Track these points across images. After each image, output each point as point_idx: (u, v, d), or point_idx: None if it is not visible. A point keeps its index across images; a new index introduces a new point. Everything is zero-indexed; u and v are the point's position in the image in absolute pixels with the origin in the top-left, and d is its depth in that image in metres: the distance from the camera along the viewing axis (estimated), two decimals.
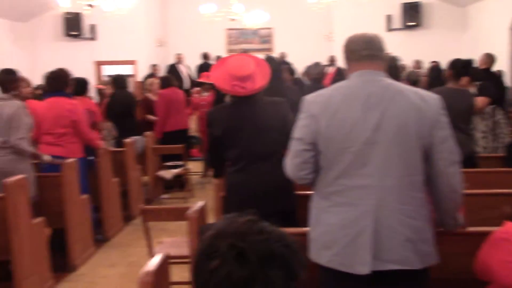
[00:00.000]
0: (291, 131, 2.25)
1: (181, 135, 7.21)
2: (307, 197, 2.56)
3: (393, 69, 4.07)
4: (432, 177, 2.12)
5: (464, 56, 5.97)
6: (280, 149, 2.98)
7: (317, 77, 7.36)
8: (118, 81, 7.54)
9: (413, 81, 5.69)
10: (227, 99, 3.09)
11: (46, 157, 4.57)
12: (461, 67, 4.30)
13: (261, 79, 2.99)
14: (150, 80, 8.17)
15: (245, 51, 12.44)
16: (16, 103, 4.28)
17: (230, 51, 13.77)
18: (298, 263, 1.13)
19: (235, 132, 2.94)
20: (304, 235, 2.30)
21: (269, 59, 5.92)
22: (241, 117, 2.94)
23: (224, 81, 2.96)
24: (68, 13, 8.62)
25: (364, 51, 2.14)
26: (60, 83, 4.85)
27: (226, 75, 2.96)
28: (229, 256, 1.07)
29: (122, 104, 7.23)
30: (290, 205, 2.98)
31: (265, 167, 2.92)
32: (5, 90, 4.33)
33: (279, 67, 4.94)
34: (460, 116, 4.05)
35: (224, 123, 2.97)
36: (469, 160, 3.92)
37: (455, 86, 4.27)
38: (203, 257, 1.11)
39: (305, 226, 2.29)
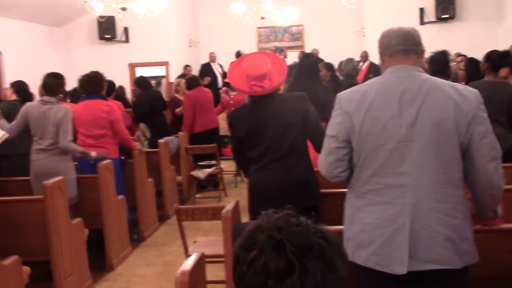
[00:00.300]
0: (313, 125, 2.22)
1: (210, 135, 7.22)
2: (331, 195, 2.54)
3: (444, 64, 3.99)
4: (471, 174, 2.06)
5: (500, 48, 5.80)
6: (303, 145, 2.97)
7: (350, 73, 7.27)
8: (141, 82, 7.67)
9: (453, 75, 5.55)
10: (246, 100, 3.09)
11: (93, 153, 4.68)
12: (496, 59, 4.18)
13: (278, 77, 2.97)
14: (178, 80, 8.25)
15: (278, 49, 12.44)
16: (64, 106, 4.44)
17: (261, 49, 13.75)
18: (338, 255, 1.11)
19: (257, 131, 2.94)
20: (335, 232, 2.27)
21: (306, 56, 5.86)
22: (262, 116, 2.94)
23: (242, 82, 2.96)
24: (101, 17, 8.77)
25: (398, 45, 2.10)
26: (95, 85, 4.95)
27: (243, 75, 2.95)
28: (267, 246, 1.07)
29: (149, 104, 7.34)
30: (313, 202, 2.95)
31: (287, 164, 2.91)
32: (53, 94, 4.46)
33: (315, 64, 4.89)
34: (500, 110, 3.93)
35: (246, 124, 2.97)
36: (509, 154, 3.80)
37: (494, 79, 4.15)
38: (242, 250, 1.11)
39: (329, 224, 2.27)
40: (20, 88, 5.43)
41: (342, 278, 1.11)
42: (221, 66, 12.50)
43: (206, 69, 11.96)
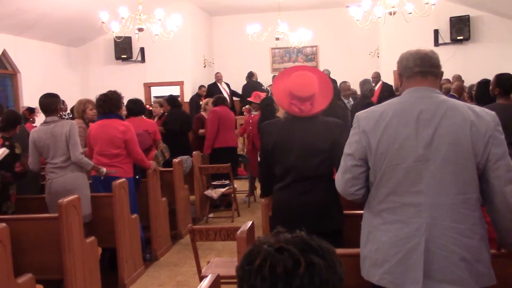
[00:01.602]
0: (340, 154, 2.22)
1: (229, 153, 7.34)
2: (355, 216, 2.52)
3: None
4: (488, 197, 2.05)
5: None
6: (327, 170, 2.94)
7: (367, 93, 7.32)
8: (172, 101, 7.78)
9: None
10: (282, 114, 3.07)
11: (103, 170, 4.70)
12: (506, 81, 4.14)
13: (321, 102, 2.93)
14: (207, 99, 8.42)
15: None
16: (69, 122, 4.48)
17: (275, 69, 13.83)
18: (336, 258, 1.13)
19: (283, 148, 2.93)
20: (352, 256, 2.26)
21: None
22: (291, 135, 2.93)
23: (284, 97, 2.93)
24: (118, 37, 8.90)
25: (416, 67, 2.12)
26: (112, 105, 5.00)
27: (287, 91, 2.90)
28: (271, 252, 1.08)
29: (180, 121, 7.46)
30: (336, 225, 2.92)
31: (308, 186, 2.89)
32: (52, 113, 4.51)
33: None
34: None
35: (274, 138, 2.97)
36: None
37: (507, 101, 4.11)
38: (245, 265, 1.11)
39: (353, 246, 2.25)
40: (47, 106, 5.22)
41: (342, 281, 1.12)
42: (227, 85, 12.58)
43: (213, 89, 12.04)
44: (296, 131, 2.92)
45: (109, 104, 4.99)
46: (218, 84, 12.35)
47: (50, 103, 4.52)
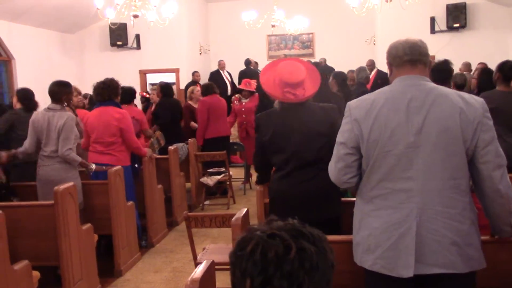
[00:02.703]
0: None
1: (222, 142, 7.27)
2: (352, 203, 2.54)
3: (444, 72, 3.99)
4: (478, 182, 2.10)
5: (511, 57, 5.74)
6: (328, 156, 2.96)
7: (363, 81, 7.31)
8: (165, 89, 7.70)
9: (460, 84, 5.54)
10: (276, 104, 3.08)
11: (92, 166, 4.70)
12: (508, 69, 4.17)
13: (312, 86, 2.98)
14: (192, 87, 8.29)
15: (286, 57, 12.47)
16: (66, 114, 4.42)
17: (271, 57, 13.79)
18: (327, 244, 1.15)
19: (282, 137, 2.94)
20: (345, 242, 2.29)
21: (315, 65, 5.89)
22: (289, 123, 2.94)
23: (274, 88, 2.96)
24: (113, 24, 8.84)
25: (405, 56, 2.15)
26: (110, 92, 4.98)
27: (277, 81, 2.94)
28: (263, 238, 1.11)
29: (171, 112, 7.38)
30: (335, 213, 2.95)
31: (310, 173, 2.90)
32: (57, 101, 4.47)
33: (323, 73, 4.90)
34: None
35: (272, 128, 2.98)
36: None
37: (506, 89, 4.14)
38: (238, 251, 1.14)
39: (350, 233, 2.28)
40: (24, 96, 5.24)
41: (333, 267, 1.15)
42: (229, 74, 12.55)
43: (215, 77, 12.03)
44: (294, 118, 2.93)
45: (107, 91, 4.98)
46: (221, 72, 12.31)
47: (56, 92, 4.48)
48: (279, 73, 2.94)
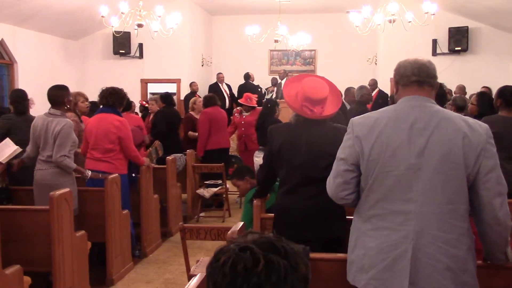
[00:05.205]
0: None
1: (222, 154, 7.27)
2: None
3: (439, 96, 3.99)
4: (477, 208, 2.07)
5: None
6: None
7: (362, 100, 7.29)
8: (166, 99, 7.70)
9: (460, 106, 5.55)
10: (292, 118, 3.09)
11: (88, 173, 4.68)
12: (510, 95, 4.16)
13: (332, 107, 2.98)
14: (194, 98, 8.32)
15: (287, 72, 12.52)
16: (65, 120, 4.39)
17: (273, 71, 13.86)
18: (301, 259, 1.17)
19: (289, 151, 2.94)
20: (339, 260, 2.28)
21: None
22: (299, 137, 2.94)
23: (295, 99, 2.97)
24: (117, 32, 8.88)
25: (413, 76, 2.14)
26: (115, 99, 4.98)
27: (299, 93, 2.95)
28: (235, 251, 1.14)
29: (167, 121, 7.38)
30: (337, 233, 2.91)
31: (314, 191, 2.87)
32: (58, 106, 4.45)
33: None
34: None
35: (282, 140, 2.98)
36: None
37: (509, 114, 4.12)
38: (213, 263, 1.17)
39: None
40: (16, 98, 5.12)
41: (307, 282, 1.17)
42: (229, 86, 12.59)
43: (214, 89, 12.07)
44: (305, 134, 2.94)
45: (113, 97, 4.97)
46: (220, 85, 12.35)
47: (55, 96, 4.45)
48: (303, 87, 2.94)
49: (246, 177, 4.34)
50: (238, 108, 8.20)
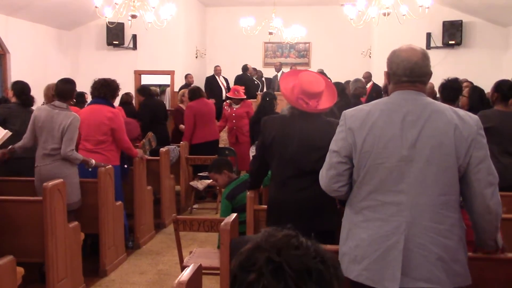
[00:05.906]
0: None
1: (209, 147, 7.18)
2: None
3: (456, 91, 4.00)
4: (468, 199, 2.11)
5: (505, 76, 5.79)
6: None
7: (356, 93, 7.29)
8: (143, 91, 7.69)
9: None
10: (286, 110, 3.13)
11: (92, 161, 4.61)
12: (508, 89, 4.15)
13: (326, 102, 3.02)
14: (182, 90, 8.32)
15: (282, 65, 12.51)
16: (72, 114, 4.37)
17: (267, 64, 13.85)
18: (336, 279, 1.11)
19: (283, 143, 2.96)
20: (335, 252, 2.28)
21: None
22: (293, 130, 2.96)
23: (291, 92, 3.01)
24: (111, 23, 8.82)
25: (404, 77, 2.15)
26: (108, 91, 4.97)
27: (295, 87, 3.00)
28: (266, 270, 1.06)
29: (151, 112, 7.35)
30: (329, 226, 2.94)
31: (305, 183, 2.90)
32: (64, 100, 4.42)
33: None
34: (510, 141, 3.92)
35: (275, 132, 3.00)
36: None
37: (505, 108, 4.12)
38: (240, 269, 1.10)
39: None
40: (21, 90, 5.11)
41: None
42: (225, 79, 12.56)
43: (211, 82, 12.04)
44: (298, 126, 2.96)
45: (105, 89, 4.96)
46: (217, 77, 12.31)
47: (65, 90, 4.41)
48: (300, 80, 3.00)
49: (224, 170, 4.12)
50: (227, 101, 8.17)
